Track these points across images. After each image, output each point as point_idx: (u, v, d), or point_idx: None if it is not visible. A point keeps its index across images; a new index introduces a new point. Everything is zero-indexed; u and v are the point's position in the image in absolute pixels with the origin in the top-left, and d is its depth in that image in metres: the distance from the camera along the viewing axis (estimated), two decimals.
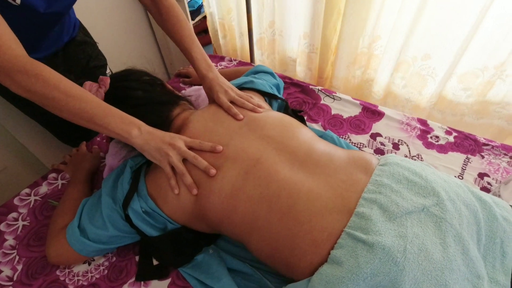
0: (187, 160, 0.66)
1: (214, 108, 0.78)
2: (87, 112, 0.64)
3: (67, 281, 0.74)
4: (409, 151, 0.96)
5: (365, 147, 0.99)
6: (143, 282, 0.73)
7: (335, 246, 0.54)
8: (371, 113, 1.08)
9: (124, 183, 0.69)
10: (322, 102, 1.13)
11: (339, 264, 0.52)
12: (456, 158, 0.93)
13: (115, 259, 0.77)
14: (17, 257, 0.78)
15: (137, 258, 0.77)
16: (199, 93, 1.04)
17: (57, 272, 0.75)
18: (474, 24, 1.06)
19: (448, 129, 1.01)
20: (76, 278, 0.74)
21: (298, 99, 1.15)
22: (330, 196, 0.59)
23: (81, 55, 1.01)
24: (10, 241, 0.81)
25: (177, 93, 0.87)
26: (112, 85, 0.75)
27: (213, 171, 0.64)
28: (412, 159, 0.93)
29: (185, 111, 0.80)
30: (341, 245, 0.53)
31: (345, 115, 1.08)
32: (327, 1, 1.30)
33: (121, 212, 0.67)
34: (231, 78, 0.95)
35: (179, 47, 0.87)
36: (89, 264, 0.76)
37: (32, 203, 0.90)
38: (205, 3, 1.78)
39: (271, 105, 0.90)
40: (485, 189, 0.86)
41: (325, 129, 1.04)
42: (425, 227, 0.54)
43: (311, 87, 1.18)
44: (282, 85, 1.04)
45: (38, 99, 0.62)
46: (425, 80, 1.28)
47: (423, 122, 1.03)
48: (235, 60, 1.39)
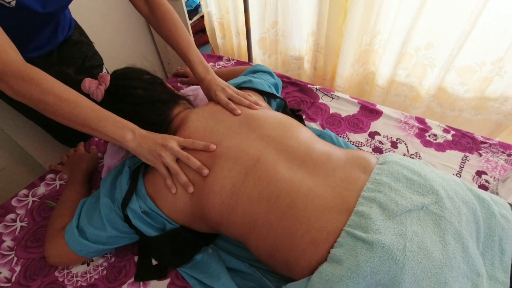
0: (180, 160, 0.67)
1: (212, 106, 0.78)
2: (81, 116, 0.64)
3: (65, 282, 0.74)
4: (407, 149, 0.96)
5: (364, 145, 0.99)
6: (142, 282, 0.73)
7: (335, 245, 0.54)
8: (369, 111, 1.08)
9: (122, 183, 0.69)
10: (320, 101, 1.13)
11: (339, 262, 0.52)
12: (454, 156, 0.94)
13: (114, 259, 0.77)
14: (15, 259, 0.78)
15: (136, 258, 0.76)
16: (197, 93, 1.04)
17: (56, 273, 0.75)
18: (472, 18, 1.08)
19: (446, 127, 1.01)
20: (75, 279, 0.74)
21: (296, 98, 1.15)
22: (329, 195, 0.59)
23: (77, 55, 1.00)
24: (8, 242, 0.81)
25: (177, 92, 0.87)
26: (112, 82, 0.75)
27: (206, 171, 0.64)
28: (410, 158, 0.94)
29: (185, 110, 0.80)
30: (341, 244, 0.53)
31: (343, 114, 1.08)
32: (331, 1, 1.31)
33: (119, 212, 0.67)
34: (229, 77, 0.95)
35: (175, 51, 0.87)
36: (88, 264, 0.76)
37: (30, 204, 0.89)
38: (202, 3, 1.78)
39: (270, 104, 0.90)
40: (483, 187, 0.86)
41: (323, 128, 1.04)
42: (424, 225, 0.54)
43: (309, 86, 1.18)
44: (280, 84, 1.04)
45: (32, 103, 0.62)
46: (425, 69, 1.30)
47: (421, 120, 1.04)
48: (233, 59, 1.39)
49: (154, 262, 0.74)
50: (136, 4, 0.88)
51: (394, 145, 0.98)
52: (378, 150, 0.97)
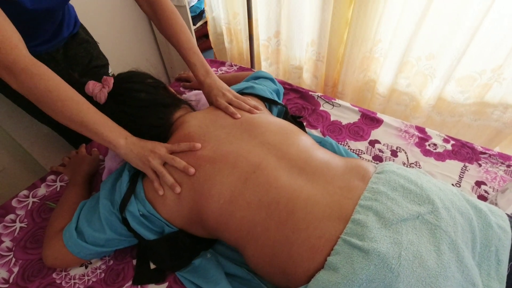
0: (168, 163, 0.69)
1: (213, 111, 0.79)
2: (79, 116, 0.67)
3: (63, 284, 0.74)
4: (407, 158, 0.97)
5: (364, 153, 0.99)
6: (140, 286, 0.73)
7: (332, 252, 0.54)
8: (370, 120, 1.09)
9: (122, 186, 0.69)
10: (321, 108, 1.14)
11: (335, 270, 0.52)
12: (453, 166, 0.94)
13: (112, 262, 0.77)
14: (14, 260, 0.78)
15: (134, 261, 0.77)
16: (199, 98, 1.05)
17: (54, 275, 0.75)
18: (472, 28, 1.09)
19: (446, 137, 1.01)
20: (72, 281, 0.74)
21: (297, 105, 1.16)
22: (328, 202, 0.59)
23: (83, 53, 1.01)
24: (7, 243, 0.81)
25: (179, 96, 0.88)
26: (115, 85, 0.76)
27: (192, 170, 0.66)
28: (410, 166, 0.94)
29: (186, 114, 0.81)
30: (338, 251, 0.54)
31: (344, 122, 1.09)
32: (334, 11, 1.33)
33: (118, 214, 0.68)
34: (231, 83, 0.95)
35: (178, 53, 0.88)
36: (86, 267, 0.76)
37: (30, 205, 0.90)
38: (207, 8, 1.80)
39: (271, 111, 0.91)
40: (482, 197, 0.86)
41: (324, 135, 1.05)
42: (420, 234, 0.54)
43: (310, 93, 1.19)
44: (282, 90, 1.05)
45: (36, 98, 0.64)
46: (426, 79, 1.31)
47: (421, 129, 1.04)
48: (236, 65, 1.40)
49: (152, 266, 0.74)
50: (140, 3, 0.88)
51: (394, 153, 0.98)
52: (378, 158, 0.97)
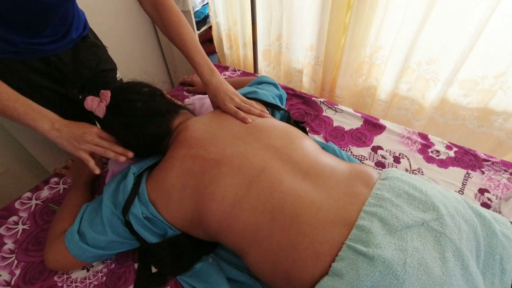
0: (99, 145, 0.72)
1: (219, 114, 0.79)
2: (3, 104, 0.65)
3: (64, 287, 0.73)
4: (410, 164, 0.97)
5: (366, 159, 0.99)
6: None
7: (336, 258, 0.54)
8: (373, 126, 1.09)
9: (126, 187, 0.69)
10: (324, 114, 1.14)
11: (340, 276, 0.52)
12: (456, 173, 0.94)
13: (114, 265, 0.77)
14: (16, 262, 0.78)
15: (136, 265, 0.76)
16: (203, 102, 1.05)
17: (55, 277, 0.75)
18: (475, 34, 1.09)
19: (448, 144, 1.01)
20: (74, 284, 0.74)
21: (300, 110, 1.16)
22: (332, 208, 0.59)
23: (91, 57, 1.00)
24: (9, 245, 0.81)
25: (177, 102, 0.87)
26: (112, 98, 0.76)
27: (130, 154, 0.74)
28: (412, 173, 0.94)
29: (187, 120, 0.81)
30: (342, 257, 0.53)
31: (347, 127, 1.09)
32: (331, 16, 1.33)
33: (121, 217, 0.68)
34: (235, 87, 0.95)
35: (182, 53, 0.87)
36: (88, 270, 0.76)
37: (33, 207, 0.90)
38: (211, 13, 1.81)
39: (274, 116, 0.91)
40: (486, 205, 0.86)
41: (326, 140, 1.05)
42: (424, 242, 0.54)
43: (313, 98, 1.19)
44: (284, 96, 1.05)
45: None
46: (428, 83, 1.31)
47: (424, 136, 1.04)
48: (239, 70, 1.41)
49: (154, 269, 0.74)
50: (143, 5, 0.88)
51: (396, 160, 0.98)
52: (380, 164, 0.97)
